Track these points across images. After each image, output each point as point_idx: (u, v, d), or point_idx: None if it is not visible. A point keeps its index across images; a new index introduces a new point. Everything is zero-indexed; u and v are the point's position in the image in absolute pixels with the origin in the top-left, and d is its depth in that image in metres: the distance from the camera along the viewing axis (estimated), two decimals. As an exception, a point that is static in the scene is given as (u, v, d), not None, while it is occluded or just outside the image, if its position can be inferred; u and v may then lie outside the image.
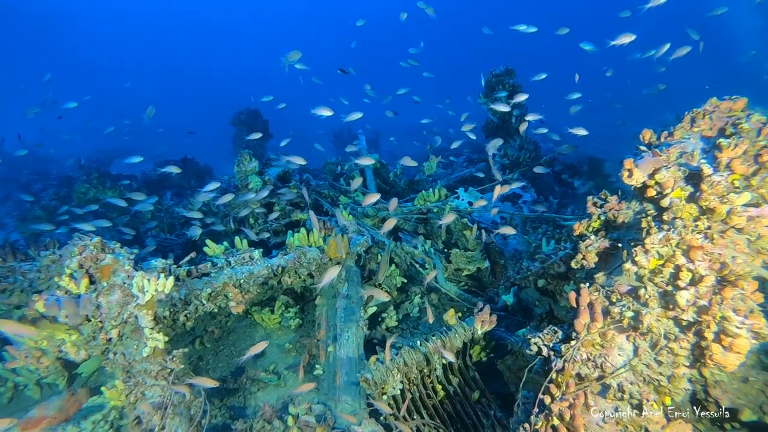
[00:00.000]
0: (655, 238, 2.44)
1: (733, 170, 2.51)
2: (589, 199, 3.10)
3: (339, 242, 4.57)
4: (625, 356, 2.54)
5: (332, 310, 4.48)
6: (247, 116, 12.71)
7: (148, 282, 2.97)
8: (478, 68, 8.65)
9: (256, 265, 4.02)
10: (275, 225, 5.57)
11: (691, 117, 2.82)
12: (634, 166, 2.63)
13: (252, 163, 5.70)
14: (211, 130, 20.04)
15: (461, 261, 5.02)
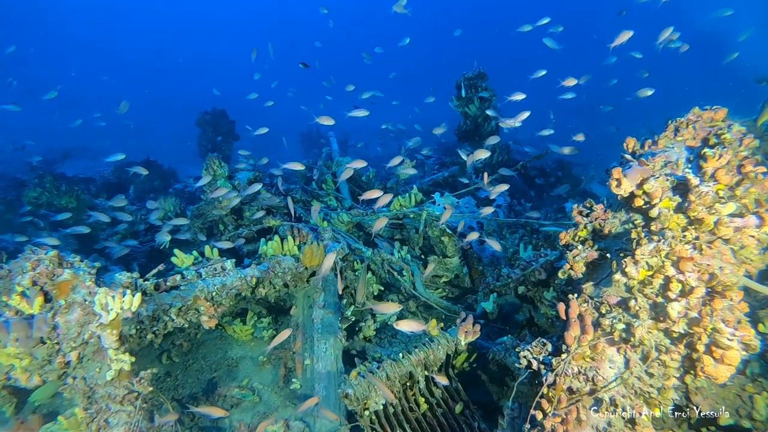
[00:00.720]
0: (645, 249, 2.41)
1: (718, 180, 2.52)
2: (575, 207, 3.07)
3: (315, 250, 4.41)
4: (616, 369, 2.51)
5: (309, 321, 4.32)
6: (213, 117, 12.30)
7: (112, 299, 2.74)
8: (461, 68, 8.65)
9: (228, 277, 3.81)
10: (246, 232, 5.35)
11: (675, 126, 2.83)
12: (623, 176, 2.61)
13: (222, 168, 5.46)
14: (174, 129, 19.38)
15: (439, 267, 4.94)
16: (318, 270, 4.53)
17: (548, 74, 6.11)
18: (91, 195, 8.31)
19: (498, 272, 4.78)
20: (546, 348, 2.73)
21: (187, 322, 3.42)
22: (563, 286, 4.20)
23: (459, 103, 8.65)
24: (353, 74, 13.54)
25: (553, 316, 4.11)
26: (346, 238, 5.13)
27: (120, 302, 2.74)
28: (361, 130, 25.83)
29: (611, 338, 2.51)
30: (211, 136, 12.32)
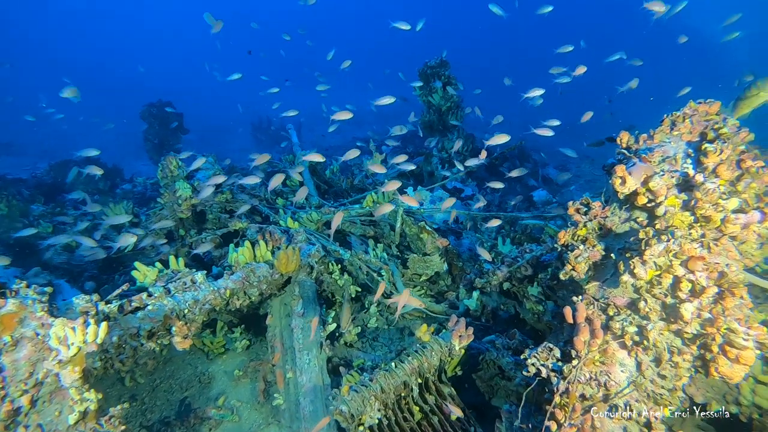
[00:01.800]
0: (655, 249, 2.34)
1: (719, 176, 2.50)
2: (571, 205, 2.99)
3: (290, 255, 4.13)
4: (627, 372, 2.45)
5: (287, 331, 4.06)
6: (159, 109, 11.49)
7: (72, 331, 2.38)
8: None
9: (200, 291, 3.48)
10: (211, 236, 4.97)
11: (671, 120, 2.78)
12: (627, 174, 2.53)
13: (180, 169, 5.03)
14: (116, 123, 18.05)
15: (419, 266, 4.80)
16: (295, 275, 4.27)
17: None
18: (24, 199, 7.52)
19: (480, 268, 4.69)
20: (553, 354, 2.64)
21: (159, 345, 3.08)
22: (548, 281, 4.17)
23: (422, 93, 8.49)
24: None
25: (540, 312, 4.08)
26: (320, 240, 4.87)
27: (82, 334, 2.39)
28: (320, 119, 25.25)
29: (622, 341, 2.45)
30: (158, 129, 11.52)
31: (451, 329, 3.49)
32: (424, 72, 8.35)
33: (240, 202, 5.32)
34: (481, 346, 3.91)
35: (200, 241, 5.02)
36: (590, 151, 19.65)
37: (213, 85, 32.66)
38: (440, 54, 8.31)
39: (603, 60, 6.88)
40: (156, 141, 11.49)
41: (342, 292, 4.80)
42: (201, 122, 24.06)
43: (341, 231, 5.85)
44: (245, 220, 5.09)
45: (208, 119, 24.88)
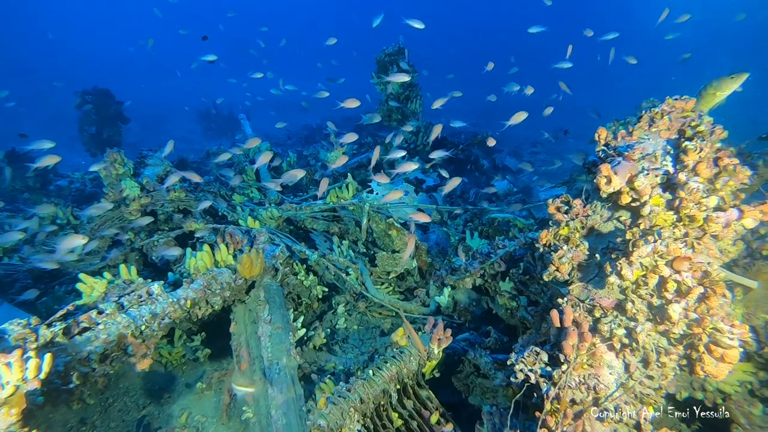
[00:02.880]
0: (643, 250, 2.32)
1: (698, 174, 2.50)
2: (551, 203, 2.93)
3: (254, 258, 3.87)
4: (615, 374, 2.43)
5: (254, 339, 3.82)
6: (96, 96, 10.60)
7: (7, 368, 2.06)
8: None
9: (158, 303, 3.18)
10: (164, 239, 4.60)
11: (650, 117, 2.77)
12: (612, 173, 2.49)
13: (125, 166, 4.59)
14: (46, 111, 16.60)
15: (388, 263, 4.66)
16: (260, 279, 4.02)
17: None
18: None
19: (449, 263, 4.62)
20: (540, 358, 2.59)
21: (114, 368, 2.78)
22: (520, 276, 4.15)
23: (379, 80, 8.29)
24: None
25: (513, 308, 4.06)
26: (284, 239, 4.63)
27: (20, 371, 2.07)
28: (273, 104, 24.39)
29: (610, 343, 2.42)
30: (95, 119, 10.64)
31: (429, 332, 3.39)
32: (381, 59, 8.13)
33: (195, 201, 4.96)
34: (456, 345, 3.85)
35: (152, 244, 4.64)
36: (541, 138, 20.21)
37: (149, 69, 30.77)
38: (397, 40, 8.11)
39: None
40: (93, 131, 10.62)
41: (309, 293, 4.60)
42: (139, 109, 22.72)
43: (303, 227, 5.62)
44: (201, 220, 4.75)
45: (147, 106, 23.45)
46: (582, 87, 30.42)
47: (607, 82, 29.99)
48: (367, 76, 8.39)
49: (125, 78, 27.66)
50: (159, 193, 4.87)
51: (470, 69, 10.93)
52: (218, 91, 26.01)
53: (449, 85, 8.28)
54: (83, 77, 13.35)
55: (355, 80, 10.65)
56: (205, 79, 30.63)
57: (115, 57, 40.22)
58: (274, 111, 24.80)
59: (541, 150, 18.06)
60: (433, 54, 12.67)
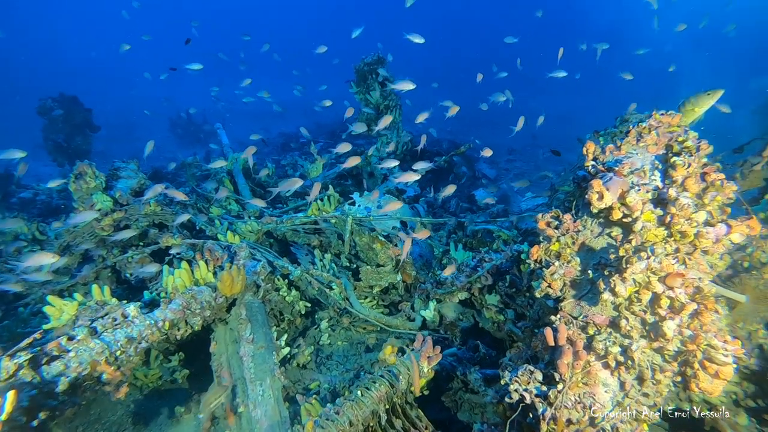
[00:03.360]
0: (637, 267, 2.31)
1: (687, 189, 2.52)
2: (540, 218, 2.91)
3: (235, 275, 3.74)
4: (611, 392, 2.41)
5: (235, 359, 3.68)
6: (61, 104, 10.19)
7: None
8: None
9: (134, 326, 3.01)
10: (139, 255, 4.41)
11: (638, 132, 2.78)
12: (604, 189, 2.48)
13: (97, 179, 4.39)
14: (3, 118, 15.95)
15: (372, 278, 4.58)
16: (241, 297, 3.88)
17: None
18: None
19: (434, 276, 4.57)
20: (535, 377, 2.55)
21: (87, 399, 2.61)
22: (506, 289, 4.13)
23: (358, 90, 8.22)
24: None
25: (501, 321, 4.03)
26: (265, 254, 4.49)
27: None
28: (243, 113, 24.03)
29: (605, 361, 2.40)
30: (61, 127, 10.22)
31: (419, 349, 3.32)
32: (360, 69, 8.08)
33: (172, 215, 4.77)
34: (444, 360, 3.78)
35: (126, 260, 4.44)
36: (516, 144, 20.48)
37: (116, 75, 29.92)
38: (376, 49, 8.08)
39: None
40: (60, 140, 10.20)
41: (291, 309, 4.47)
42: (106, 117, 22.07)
43: (283, 240, 5.50)
44: (178, 235, 4.57)
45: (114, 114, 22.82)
46: (561, 95, 30.93)
47: (587, 91, 30.66)
48: (347, 83, 8.32)
49: (88, 83, 26.84)
50: (134, 207, 4.68)
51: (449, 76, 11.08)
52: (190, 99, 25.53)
53: (432, 94, 8.29)
54: (42, 82, 12.86)
55: (335, 87, 10.56)
56: (176, 85, 30.08)
57: (76, 61, 39.06)
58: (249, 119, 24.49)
59: (516, 158, 18.32)
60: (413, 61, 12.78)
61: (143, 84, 23.95)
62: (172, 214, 4.91)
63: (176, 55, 9.36)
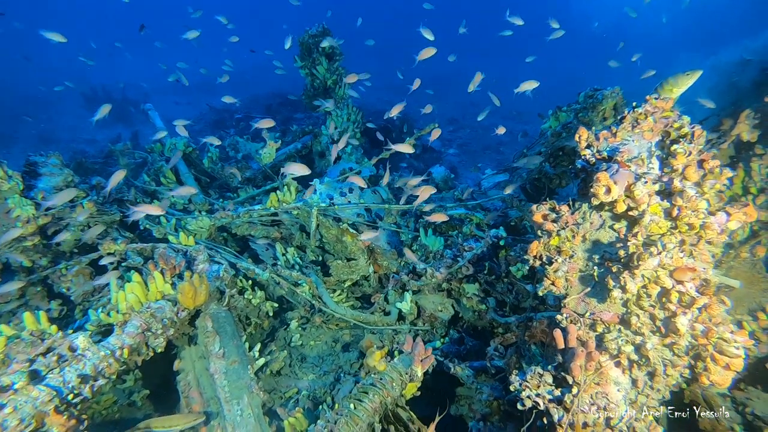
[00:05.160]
0: (649, 264, 2.22)
1: (687, 177, 2.46)
2: (536, 211, 2.76)
3: (197, 284, 3.34)
4: (623, 391, 2.36)
5: (205, 377, 3.33)
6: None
7: None
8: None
9: (86, 361, 2.58)
10: (76, 267, 3.84)
11: (633, 118, 2.67)
12: (611, 182, 2.35)
13: (12, 179, 3.73)
14: None
15: (344, 272, 4.32)
16: (205, 307, 3.49)
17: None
18: None
19: (408, 266, 4.39)
20: (545, 380, 2.45)
21: (37, 459, 2.19)
22: (486, 276, 4.03)
23: (304, 64, 7.69)
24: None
25: (482, 310, 3.94)
26: (225, 255, 4.08)
27: None
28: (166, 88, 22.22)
29: (617, 360, 2.34)
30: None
31: (410, 352, 3.14)
32: (305, 41, 7.52)
33: (111, 216, 4.20)
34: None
35: (59, 273, 3.86)
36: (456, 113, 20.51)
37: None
38: (323, 20, 7.55)
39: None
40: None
41: (258, 312, 4.14)
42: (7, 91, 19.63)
43: (235, 234, 5.06)
44: (121, 240, 4.03)
45: (17, 87, 20.33)
46: (502, 57, 31.13)
47: (522, 53, 31.15)
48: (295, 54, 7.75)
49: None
50: (63, 209, 4.05)
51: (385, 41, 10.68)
52: (110, 72, 23.24)
53: (369, 58, 7.89)
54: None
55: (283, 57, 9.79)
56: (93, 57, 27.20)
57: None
58: (173, 94, 22.68)
59: (457, 127, 18.39)
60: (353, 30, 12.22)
61: (51, 53, 21.39)
62: (111, 215, 4.32)
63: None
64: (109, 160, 6.60)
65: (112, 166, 6.51)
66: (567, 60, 29.23)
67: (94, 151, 13.74)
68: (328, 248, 4.63)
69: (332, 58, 7.58)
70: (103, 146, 14.95)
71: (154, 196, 5.33)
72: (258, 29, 19.82)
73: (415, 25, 6.65)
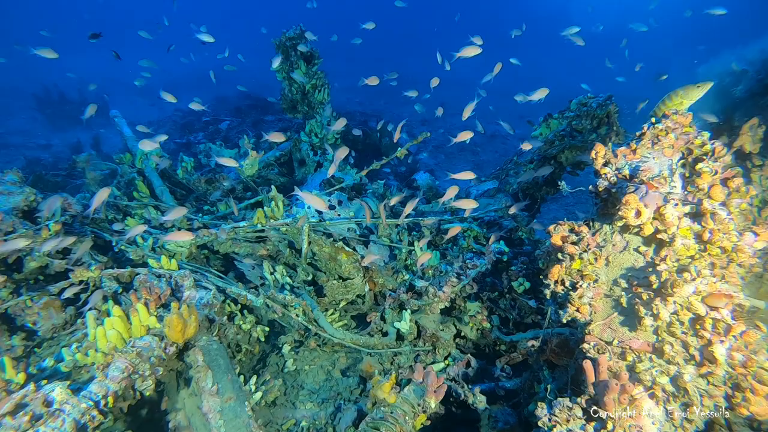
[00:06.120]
0: (685, 291, 2.12)
1: (712, 197, 2.38)
2: (554, 232, 2.63)
3: (186, 315, 3.06)
4: (658, 423, 2.26)
5: (198, 417, 3.05)
6: None
7: None
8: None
9: (65, 417, 2.28)
10: (44, 298, 3.47)
11: (654, 134, 2.58)
12: (641, 205, 2.24)
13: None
14: None
15: (339, 292, 4.10)
16: (194, 340, 3.21)
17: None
18: None
19: (405, 283, 4.21)
20: (574, 413, 2.32)
21: None
22: (488, 293, 3.90)
23: (280, 68, 7.38)
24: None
25: (486, 329, 3.81)
26: (213, 279, 3.79)
27: None
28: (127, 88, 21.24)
29: (652, 392, 2.23)
30: None
31: (420, 382, 2.96)
32: (281, 43, 7.22)
33: (81, 238, 3.83)
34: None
35: (21, 306, 3.48)
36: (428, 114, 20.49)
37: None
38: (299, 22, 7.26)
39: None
40: None
41: (248, 337, 3.87)
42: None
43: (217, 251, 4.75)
44: (95, 265, 3.68)
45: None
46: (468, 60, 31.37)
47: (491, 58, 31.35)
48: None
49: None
50: (25, 233, 3.66)
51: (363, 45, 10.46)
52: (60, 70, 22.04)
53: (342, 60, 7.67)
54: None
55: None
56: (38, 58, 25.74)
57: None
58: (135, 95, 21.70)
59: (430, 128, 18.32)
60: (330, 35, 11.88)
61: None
62: (81, 236, 3.94)
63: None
64: (73, 172, 6.12)
65: (77, 178, 6.04)
66: (565, 64, 29.36)
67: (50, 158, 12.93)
68: (319, 266, 4.40)
69: (311, 61, 7.31)
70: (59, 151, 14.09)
71: (128, 213, 4.94)
72: (236, 31, 19.20)
73: (385, 23, 6.48)
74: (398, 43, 11.93)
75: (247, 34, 14.71)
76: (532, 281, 3.93)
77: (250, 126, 14.19)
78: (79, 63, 25.23)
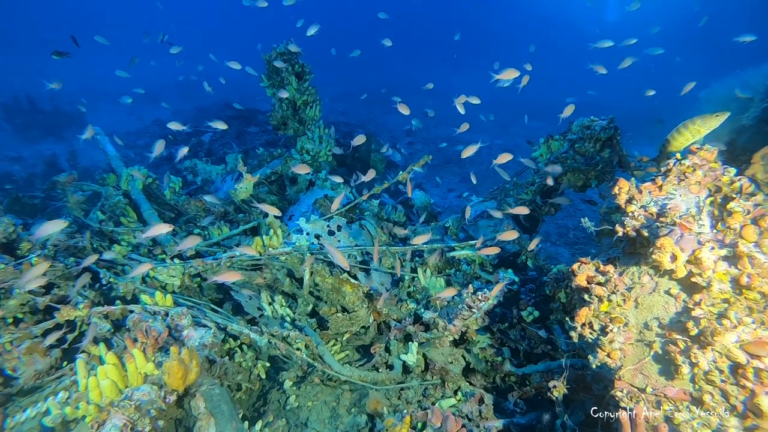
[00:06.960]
0: (726, 340, 2.04)
1: (744, 238, 2.31)
2: (578, 271, 2.54)
3: (187, 360, 2.86)
4: (697, 477, 2.17)
5: (199, 470, 2.84)
6: None
7: None
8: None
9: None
10: (27, 342, 3.21)
11: (680, 171, 2.51)
12: (677, 249, 2.16)
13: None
14: None
15: (344, 325, 3.94)
16: (196, 383, 3.00)
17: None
18: None
19: (410, 312, 4.07)
20: (611, 468, 2.21)
21: None
22: (498, 324, 3.79)
23: (270, 83, 7.21)
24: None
25: (498, 362, 3.69)
26: (212, 316, 3.58)
27: None
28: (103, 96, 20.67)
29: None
30: None
31: (438, 427, 2.82)
32: (272, 59, 7.04)
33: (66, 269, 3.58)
34: (446, 417, 3.35)
35: (0, 350, 3.22)
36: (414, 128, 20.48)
37: None
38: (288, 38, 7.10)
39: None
40: None
41: (249, 375, 3.68)
42: None
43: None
44: (83, 302, 3.43)
45: None
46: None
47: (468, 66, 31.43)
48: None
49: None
50: (6, 269, 3.40)
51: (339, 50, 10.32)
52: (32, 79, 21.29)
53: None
54: None
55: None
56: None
57: None
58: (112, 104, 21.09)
59: (415, 140, 18.29)
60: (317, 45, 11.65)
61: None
62: (67, 268, 3.69)
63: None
64: (52, 193, 5.80)
65: (57, 200, 5.72)
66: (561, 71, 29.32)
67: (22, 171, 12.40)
68: (321, 296, 4.23)
69: (302, 77, 7.16)
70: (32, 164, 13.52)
71: (114, 240, 4.68)
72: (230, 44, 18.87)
73: (369, 34, 6.42)
74: (384, 51, 11.99)
75: (234, 45, 14.53)
76: (540, 309, 3.85)
77: (233, 138, 13.91)
78: (58, 70, 24.48)
